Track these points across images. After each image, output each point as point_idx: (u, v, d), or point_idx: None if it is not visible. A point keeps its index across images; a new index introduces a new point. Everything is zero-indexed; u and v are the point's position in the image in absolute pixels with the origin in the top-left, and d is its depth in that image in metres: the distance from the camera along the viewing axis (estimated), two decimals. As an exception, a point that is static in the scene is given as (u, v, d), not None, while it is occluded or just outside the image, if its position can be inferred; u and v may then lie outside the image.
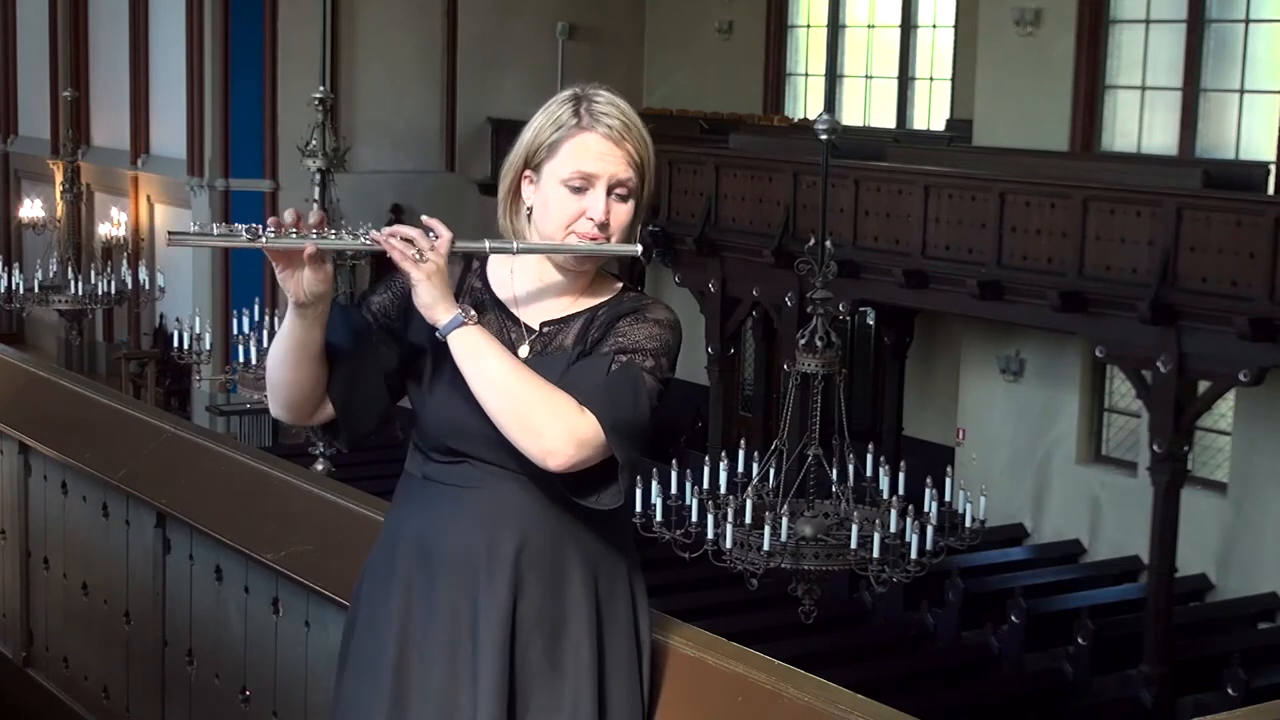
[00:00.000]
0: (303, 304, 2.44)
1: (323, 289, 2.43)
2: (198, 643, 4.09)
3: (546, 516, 2.53)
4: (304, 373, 2.52)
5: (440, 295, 2.42)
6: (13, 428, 4.95)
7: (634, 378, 2.48)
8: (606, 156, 2.51)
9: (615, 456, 2.43)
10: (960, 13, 16.50)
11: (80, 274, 14.73)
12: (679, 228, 15.30)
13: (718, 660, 2.69)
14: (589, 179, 2.50)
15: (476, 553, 2.53)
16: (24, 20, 23.33)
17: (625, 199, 2.53)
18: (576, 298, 2.60)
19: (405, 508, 2.63)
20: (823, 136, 9.32)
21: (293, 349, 2.50)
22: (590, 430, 2.41)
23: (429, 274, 2.41)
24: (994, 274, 12.62)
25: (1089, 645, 11.43)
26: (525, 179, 2.57)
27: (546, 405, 2.41)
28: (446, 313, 2.43)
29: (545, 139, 2.53)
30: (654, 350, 2.51)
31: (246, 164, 18.44)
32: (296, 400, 2.56)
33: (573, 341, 2.55)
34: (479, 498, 2.54)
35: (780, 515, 8.66)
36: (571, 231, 2.51)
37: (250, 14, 18.25)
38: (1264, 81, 13.60)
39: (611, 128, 2.51)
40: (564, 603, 2.54)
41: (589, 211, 2.51)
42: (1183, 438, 11.75)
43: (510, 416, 2.41)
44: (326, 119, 12.39)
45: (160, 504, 4.15)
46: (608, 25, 20.01)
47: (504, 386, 2.42)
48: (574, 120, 2.52)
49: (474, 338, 2.44)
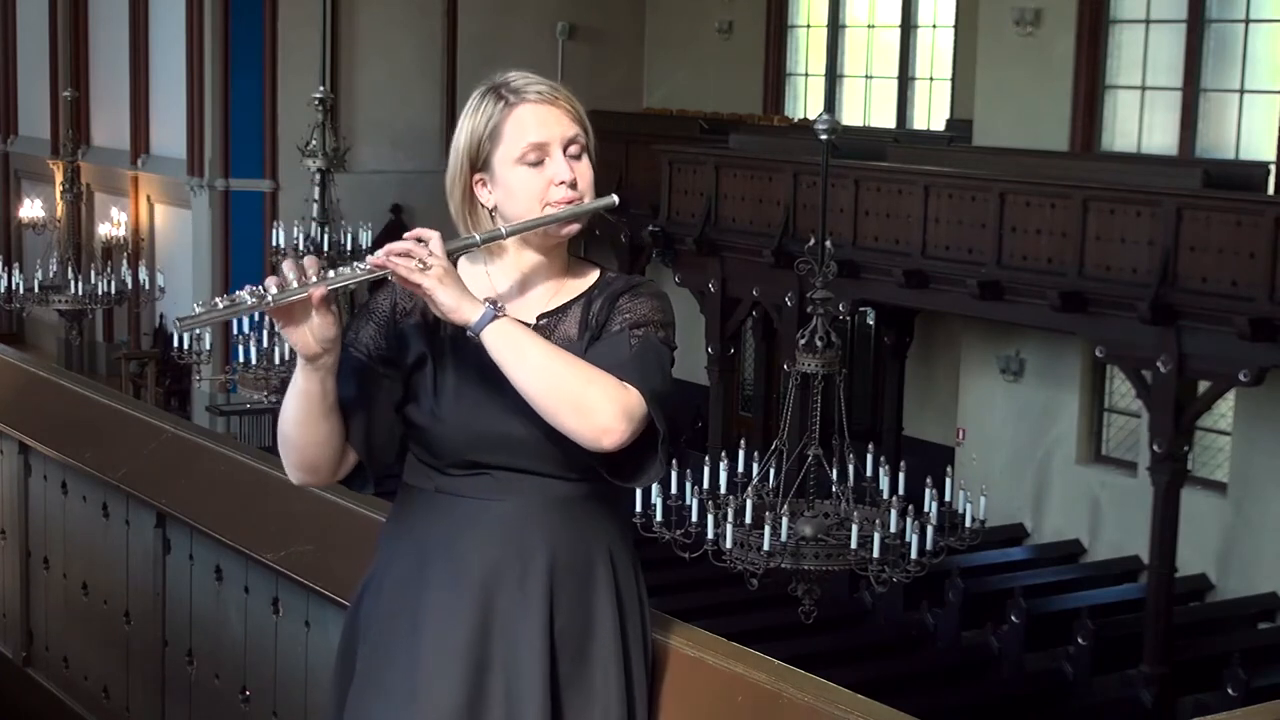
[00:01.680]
0: (314, 355, 2.37)
1: (333, 332, 2.37)
2: (198, 643, 4.09)
3: (572, 520, 2.50)
4: (324, 429, 2.46)
5: (461, 294, 2.36)
6: (13, 428, 4.95)
7: (656, 349, 2.47)
8: (547, 121, 2.48)
9: (651, 430, 2.40)
10: (960, 13, 16.50)
11: (80, 274, 14.74)
12: (679, 228, 15.31)
13: (717, 660, 2.68)
14: (542, 148, 2.48)
15: (508, 569, 2.48)
16: (24, 20, 23.34)
17: (579, 156, 2.51)
18: (561, 285, 2.56)
19: (417, 522, 2.56)
20: (823, 136, 9.32)
21: (308, 406, 2.43)
22: (636, 403, 2.37)
23: (440, 277, 2.34)
24: (994, 274, 12.62)
25: (1089, 645, 11.43)
26: (477, 184, 2.52)
27: (594, 383, 2.37)
28: (474, 310, 2.36)
29: (483, 132, 2.49)
30: (662, 321, 2.50)
31: (246, 164, 18.44)
32: (318, 460, 2.50)
33: (577, 329, 2.52)
34: (503, 511, 2.49)
35: (780, 515, 8.66)
36: (546, 203, 2.48)
37: (250, 14, 18.25)
38: (1264, 81, 13.61)
39: (540, 93, 2.49)
40: (592, 608, 2.52)
41: (555, 177, 2.48)
42: (1183, 438, 11.75)
43: (560, 401, 2.36)
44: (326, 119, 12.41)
45: (160, 504, 4.15)
46: (608, 25, 20.01)
47: (550, 372, 2.36)
48: (501, 104, 2.49)
49: (510, 329, 2.38)
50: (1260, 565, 12.87)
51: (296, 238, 12.10)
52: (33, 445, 4.84)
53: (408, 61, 19.03)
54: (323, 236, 12.12)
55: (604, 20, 19.99)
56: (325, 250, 12.03)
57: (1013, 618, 11.84)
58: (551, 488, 2.48)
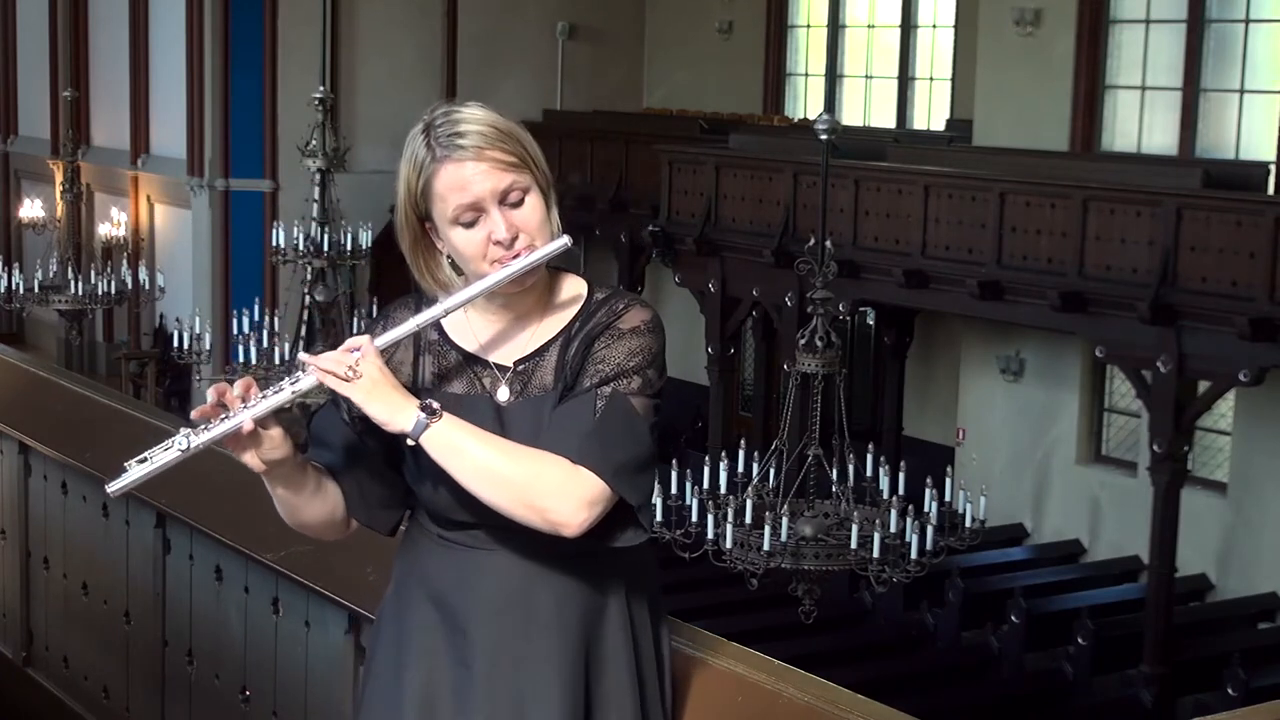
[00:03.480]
0: (265, 472, 2.35)
1: (280, 452, 2.33)
2: (198, 643, 4.09)
3: (577, 562, 2.42)
4: (317, 509, 2.45)
5: (391, 406, 2.28)
6: (13, 428, 4.95)
7: (624, 411, 2.34)
8: (475, 178, 2.34)
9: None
10: (960, 13, 16.50)
11: (80, 274, 14.75)
12: (679, 228, 15.30)
13: (717, 660, 2.68)
14: (473, 208, 2.35)
15: (515, 618, 2.42)
16: (24, 20, 23.33)
17: (521, 201, 2.37)
18: (541, 320, 2.45)
19: (426, 562, 2.50)
20: (823, 136, 9.32)
21: (290, 501, 2.44)
22: (594, 488, 2.29)
23: (368, 390, 2.28)
24: (994, 274, 12.62)
25: (1089, 645, 11.44)
26: (428, 230, 2.43)
27: (543, 479, 2.28)
28: (408, 419, 2.28)
29: (415, 187, 2.39)
30: (637, 367, 2.37)
31: (246, 164, 18.44)
32: (326, 528, 2.50)
33: (553, 376, 2.41)
34: (504, 559, 2.42)
35: (780, 515, 8.66)
36: (490, 261, 2.36)
37: (250, 14, 18.25)
38: (1264, 81, 13.60)
39: (465, 148, 2.34)
40: (604, 646, 2.45)
41: (493, 235, 2.35)
42: (1183, 438, 11.75)
43: (509, 502, 2.29)
44: (326, 119, 12.41)
45: (160, 504, 4.15)
46: (608, 25, 20.00)
47: (493, 474, 2.29)
48: (428, 155, 2.37)
49: (446, 433, 2.29)
50: (1260, 565, 12.87)
51: (296, 238, 12.09)
52: (33, 445, 4.84)
53: (408, 61, 19.02)
54: (323, 236, 12.11)
55: (604, 20, 19.98)
56: (325, 250, 12.03)
57: (1013, 618, 11.85)
58: (547, 541, 2.38)
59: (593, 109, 19.41)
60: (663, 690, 2.55)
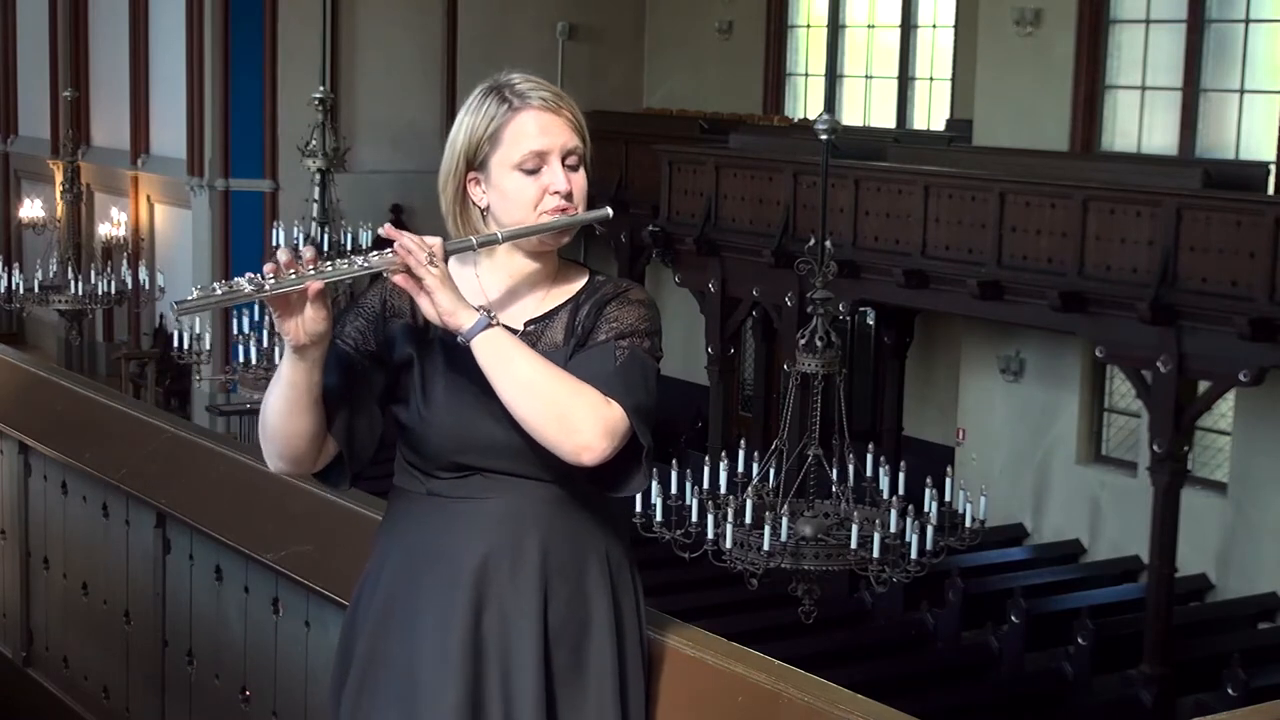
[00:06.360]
0: (302, 346, 2.37)
1: (323, 328, 2.37)
2: (198, 643, 4.09)
3: (565, 519, 2.51)
4: (307, 421, 2.45)
5: (457, 300, 2.37)
6: (13, 428, 4.95)
7: (641, 362, 2.46)
8: (550, 129, 2.47)
9: (634, 443, 2.40)
10: (960, 13, 16.49)
11: (80, 274, 14.74)
12: (679, 228, 15.30)
13: (717, 660, 2.69)
14: (541, 156, 2.47)
15: (500, 563, 2.49)
16: (24, 20, 23.34)
17: (576, 168, 2.50)
18: (550, 289, 2.56)
19: (410, 525, 2.56)
20: (823, 136, 9.32)
21: (294, 397, 2.42)
22: (619, 420, 2.37)
23: (441, 278, 2.35)
24: (994, 274, 12.62)
25: (1089, 645, 11.43)
26: (471, 182, 2.52)
27: (579, 399, 2.36)
28: (469, 317, 2.36)
29: (483, 134, 2.48)
30: (648, 330, 2.50)
31: (246, 164, 18.43)
32: (299, 450, 2.49)
33: (563, 335, 2.51)
34: (496, 509, 2.49)
35: (780, 515, 8.66)
36: (540, 212, 2.47)
37: (250, 14, 18.24)
38: (1264, 81, 13.60)
39: (545, 100, 2.47)
40: (587, 605, 2.53)
41: (551, 186, 2.47)
42: (1183, 438, 11.75)
43: (545, 417, 2.36)
44: (326, 119, 12.42)
45: (160, 504, 4.15)
46: (608, 25, 20.01)
47: (537, 386, 2.36)
48: (504, 106, 2.47)
49: (501, 340, 2.38)
50: (1260, 565, 12.87)
51: (296, 238, 12.11)
52: (33, 445, 4.84)
53: (408, 61, 19.02)
54: (323, 236, 12.12)
55: (604, 20, 19.99)
56: (325, 250, 12.04)
57: (1013, 618, 11.84)
58: (541, 489, 2.49)
59: (593, 109, 19.37)
60: (641, 632, 2.63)
